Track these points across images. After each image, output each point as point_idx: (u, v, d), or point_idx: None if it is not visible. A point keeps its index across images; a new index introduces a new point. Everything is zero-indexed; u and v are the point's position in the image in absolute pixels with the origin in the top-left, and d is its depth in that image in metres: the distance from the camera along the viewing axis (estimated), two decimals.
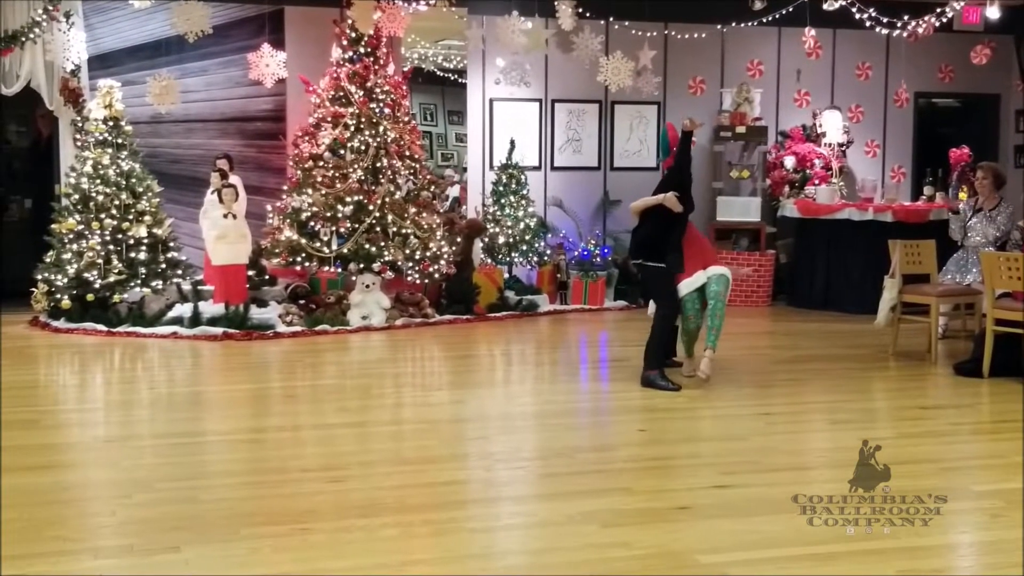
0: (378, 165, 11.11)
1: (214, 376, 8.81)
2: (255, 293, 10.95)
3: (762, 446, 6.34)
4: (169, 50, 11.91)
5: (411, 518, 4.86)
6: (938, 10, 11.54)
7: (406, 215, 11.13)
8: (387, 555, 4.37)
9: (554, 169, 13.31)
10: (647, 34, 12.51)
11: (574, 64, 12.43)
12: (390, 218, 11.02)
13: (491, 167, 12.98)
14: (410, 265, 11.05)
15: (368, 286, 10.71)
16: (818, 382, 8.26)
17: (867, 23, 11.90)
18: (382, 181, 11.08)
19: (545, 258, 12.62)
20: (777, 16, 12.27)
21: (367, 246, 10.87)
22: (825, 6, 11.30)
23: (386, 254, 10.89)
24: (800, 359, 9.36)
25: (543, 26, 12.10)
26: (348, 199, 10.89)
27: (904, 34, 12.09)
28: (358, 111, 11.13)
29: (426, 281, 11.23)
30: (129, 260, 10.62)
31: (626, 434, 6.69)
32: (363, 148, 11.09)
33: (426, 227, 11.20)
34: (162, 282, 10.74)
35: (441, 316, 11.20)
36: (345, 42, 11.34)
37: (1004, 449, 6.31)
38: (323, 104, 11.32)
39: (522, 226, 12.43)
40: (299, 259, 10.94)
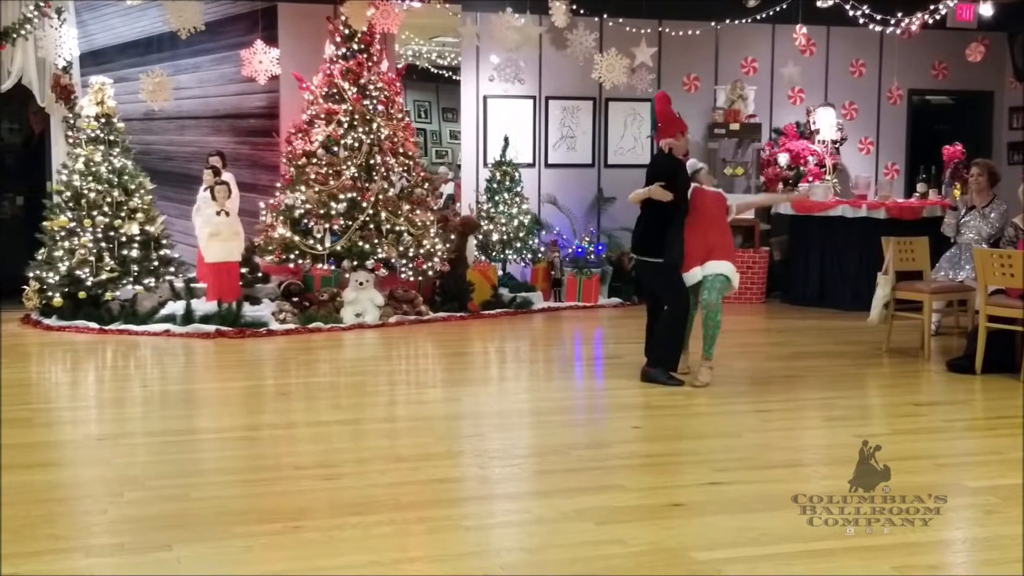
0: (372, 162, 11.09)
1: (207, 374, 8.78)
2: (248, 290, 10.93)
3: (757, 443, 6.33)
4: (162, 46, 11.89)
5: (405, 516, 4.84)
6: (931, 7, 11.54)
7: (400, 212, 11.11)
8: (381, 553, 4.36)
9: (548, 166, 13.30)
10: (642, 31, 12.51)
11: (568, 61, 12.42)
12: (384, 215, 10.99)
13: (485, 164, 12.96)
14: (404, 262, 11.03)
15: (362, 283, 10.69)
16: (812, 379, 8.25)
17: (861, 20, 11.91)
18: (376, 178, 11.06)
19: (539, 255, 12.61)
20: (771, 13, 12.27)
21: (361, 243, 10.84)
22: (818, 3, 11.31)
23: (380, 251, 10.87)
24: (794, 356, 9.35)
25: (537, 23, 12.08)
26: (342, 196, 10.87)
27: (898, 31, 12.09)
28: (352, 108, 11.10)
29: (420, 278, 11.22)
30: (121, 257, 10.58)
31: (621, 431, 6.68)
32: (356, 145, 11.07)
33: (420, 224, 11.18)
34: (154, 280, 10.70)
35: (435, 313, 11.18)
36: (339, 39, 11.31)
37: (998, 445, 6.31)
38: (316, 101, 11.30)
39: (516, 223, 12.42)
40: (292, 256, 10.92)
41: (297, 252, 10.90)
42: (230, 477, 5.56)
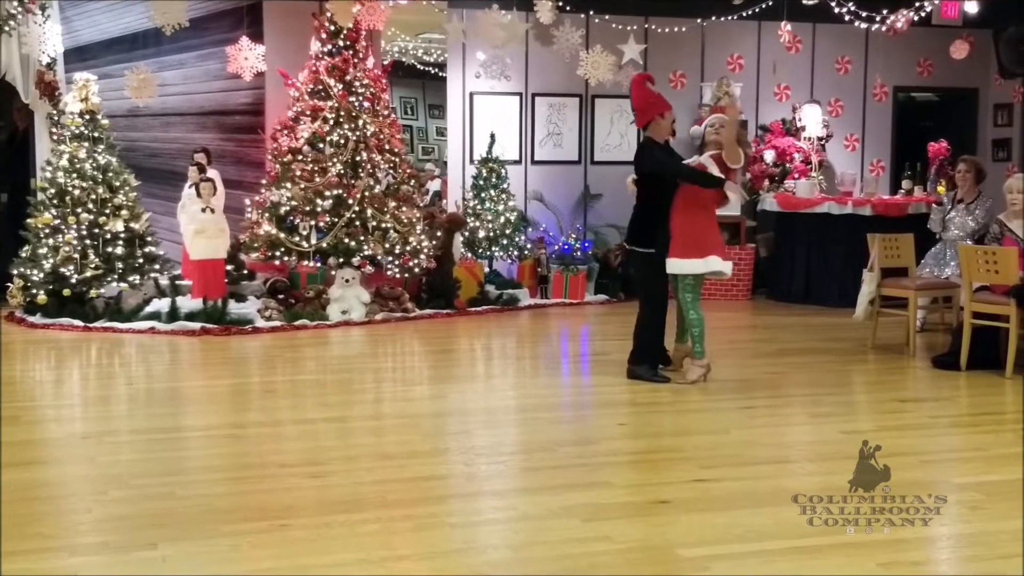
0: (358, 159, 11.07)
1: (192, 371, 8.75)
2: (233, 288, 10.90)
3: (743, 439, 6.34)
4: (146, 43, 11.86)
5: (392, 513, 4.83)
6: (916, 4, 11.57)
7: (386, 209, 11.09)
8: (368, 550, 4.35)
9: (534, 163, 13.30)
10: (628, 28, 12.51)
11: (554, 58, 12.42)
12: (370, 212, 10.98)
13: (471, 161, 12.96)
14: (390, 259, 11.01)
15: (348, 280, 10.67)
16: (798, 375, 8.27)
17: (846, 17, 11.93)
18: (361, 175, 11.04)
19: (526, 252, 12.61)
20: (756, 10, 12.29)
21: (347, 240, 10.83)
22: (804, 0, 11.32)
23: (366, 248, 10.85)
24: (780, 353, 9.37)
25: (523, 19, 12.07)
26: (327, 193, 10.84)
27: (883, 28, 12.12)
28: (337, 105, 11.08)
29: (406, 275, 11.20)
30: (106, 255, 10.55)
31: (607, 428, 6.68)
32: (342, 142, 11.05)
33: (406, 221, 11.17)
34: (139, 277, 10.67)
35: (421, 311, 11.17)
36: (324, 35, 11.28)
37: (983, 442, 6.33)
38: (302, 98, 11.27)
39: (502, 220, 12.42)
40: (278, 254, 10.89)
41: (283, 249, 10.87)
42: (216, 475, 5.54)
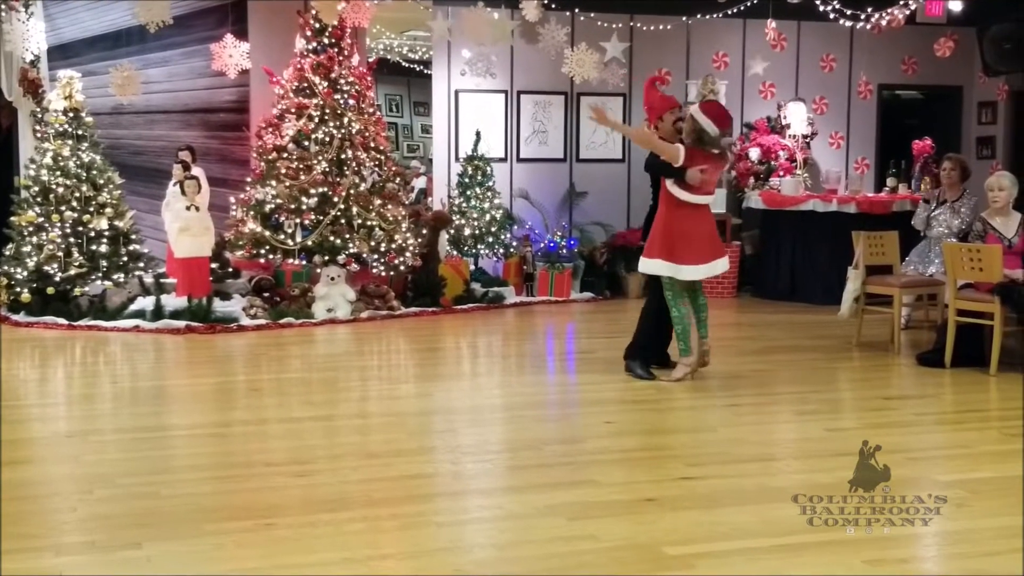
0: (343, 157, 11.05)
1: (177, 370, 8.73)
2: (218, 286, 10.87)
3: (729, 437, 6.35)
4: (130, 40, 11.82)
5: (378, 512, 4.82)
6: (901, 2, 11.60)
7: (371, 207, 11.07)
8: (354, 549, 4.34)
9: (520, 161, 13.30)
10: (613, 26, 12.52)
11: (540, 55, 12.42)
12: (355, 210, 10.96)
13: (457, 159, 12.95)
14: (375, 257, 11.00)
15: (333, 278, 10.65)
16: (784, 373, 8.29)
17: (831, 15, 11.96)
18: (347, 173, 11.02)
19: (511, 250, 12.61)
20: (741, 8, 12.31)
21: (332, 238, 10.81)
22: None
23: (351, 246, 10.83)
24: (766, 350, 9.39)
25: (508, 17, 12.06)
26: (312, 191, 10.83)
27: (868, 26, 12.15)
28: (322, 102, 11.06)
29: (392, 273, 11.19)
30: (90, 253, 10.51)
31: (593, 426, 6.68)
32: (327, 140, 11.03)
33: (391, 219, 11.15)
34: (124, 275, 10.63)
35: (407, 308, 11.16)
36: (309, 33, 11.26)
37: (967, 439, 6.36)
38: (287, 95, 11.25)
39: (488, 218, 12.42)
40: (263, 251, 10.87)
41: (268, 247, 10.85)
42: (201, 474, 5.52)
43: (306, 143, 11.06)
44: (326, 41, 11.24)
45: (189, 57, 12.22)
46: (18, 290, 10.37)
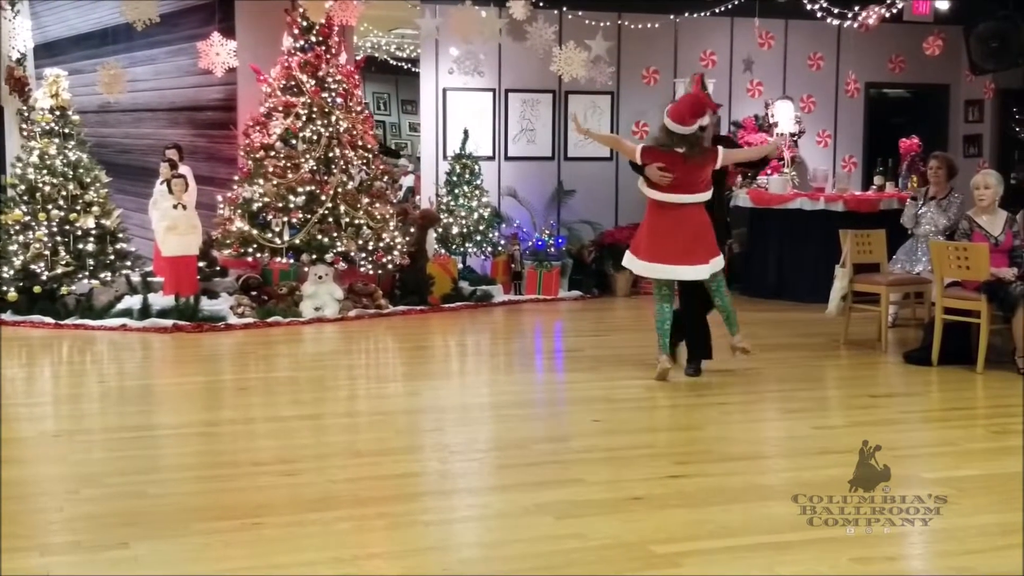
0: (330, 155, 11.03)
1: (164, 369, 8.71)
2: (206, 284, 10.84)
3: (717, 435, 6.36)
4: (117, 38, 11.78)
5: (366, 511, 4.82)
6: (888, 1, 11.63)
7: (359, 205, 11.06)
8: (342, 549, 4.33)
9: (508, 159, 13.29)
10: (600, 24, 12.52)
11: (528, 54, 12.41)
12: (343, 208, 10.94)
13: (445, 157, 12.94)
14: (363, 256, 10.98)
15: (321, 277, 10.63)
16: (771, 371, 8.30)
17: (818, 14, 11.98)
18: (334, 171, 11.00)
19: (499, 248, 12.60)
20: (729, 7, 12.33)
21: (320, 237, 10.79)
22: None
23: (339, 245, 10.82)
24: (753, 348, 9.37)
25: (496, 15, 12.05)
26: (300, 189, 10.81)
27: (855, 25, 12.18)
28: (310, 100, 11.04)
29: (379, 272, 11.17)
30: (77, 251, 10.48)
31: (580, 425, 6.68)
32: (315, 138, 11.01)
33: (379, 217, 11.14)
34: (111, 274, 10.60)
35: (395, 307, 11.15)
36: (296, 31, 11.23)
37: (954, 436, 6.38)
38: (274, 93, 11.22)
39: (476, 216, 12.41)
40: (251, 250, 10.85)
41: (255, 246, 10.82)
42: (188, 473, 5.51)
43: (293, 141, 11.04)
44: (313, 39, 11.21)
45: (176, 55, 12.19)
46: (4, 289, 10.32)
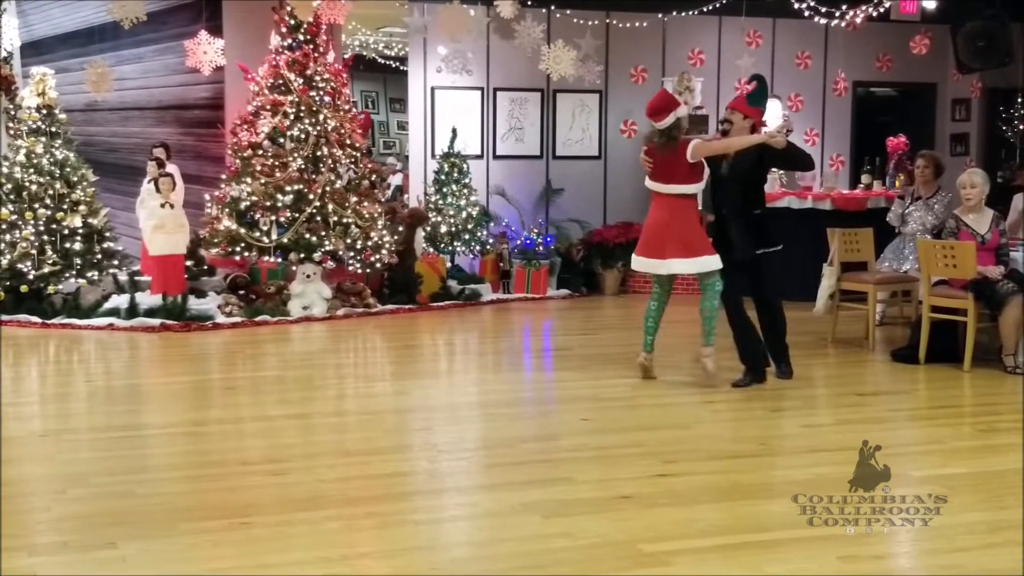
0: (318, 154, 11.01)
1: (152, 368, 8.69)
2: (193, 283, 10.83)
3: (705, 434, 6.37)
4: (104, 37, 11.74)
5: (355, 511, 4.81)
6: (875, 0, 11.66)
7: (347, 204, 11.04)
8: (331, 548, 4.33)
9: (496, 158, 13.29)
10: (589, 22, 12.52)
11: (516, 52, 12.40)
12: (331, 207, 10.93)
13: (433, 156, 12.93)
14: (351, 255, 10.97)
15: (309, 276, 10.62)
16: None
17: (806, 13, 12.00)
18: (322, 170, 10.99)
19: (488, 247, 12.60)
20: (717, 6, 12.34)
21: (308, 236, 10.77)
22: None
23: (327, 244, 10.80)
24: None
25: (484, 14, 12.04)
26: (288, 188, 10.79)
27: (843, 23, 12.20)
28: (298, 99, 11.02)
29: (368, 271, 11.16)
30: (64, 251, 10.45)
31: (569, 423, 6.68)
32: (303, 137, 10.99)
33: (367, 216, 11.12)
34: (98, 273, 10.57)
35: (383, 306, 11.14)
36: (284, 29, 11.21)
37: (942, 435, 6.40)
38: (262, 92, 11.20)
39: (464, 215, 12.41)
40: (238, 249, 10.82)
41: (243, 245, 10.80)
42: (176, 473, 5.50)
43: (281, 140, 11.02)
44: (301, 38, 11.19)
45: (163, 54, 12.16)
46: None
